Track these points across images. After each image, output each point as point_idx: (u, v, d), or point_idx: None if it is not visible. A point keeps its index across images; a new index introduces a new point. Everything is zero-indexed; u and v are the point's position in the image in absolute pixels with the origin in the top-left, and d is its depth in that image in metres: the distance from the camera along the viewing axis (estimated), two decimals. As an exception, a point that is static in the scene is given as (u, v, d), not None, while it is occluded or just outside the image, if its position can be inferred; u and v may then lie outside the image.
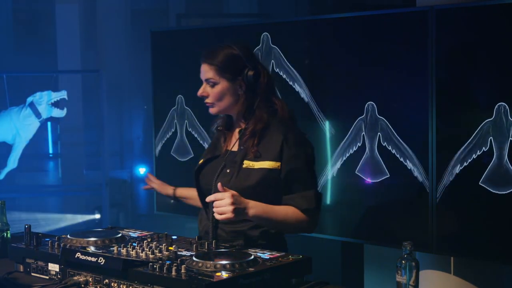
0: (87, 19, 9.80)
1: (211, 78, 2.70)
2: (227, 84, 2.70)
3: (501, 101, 3.29)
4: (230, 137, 2.82)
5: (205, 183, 2.78)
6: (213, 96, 2.72)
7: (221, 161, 2.75)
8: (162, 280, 2.15)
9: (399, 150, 3.65)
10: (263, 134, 2.70)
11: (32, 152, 7.94)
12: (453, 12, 3.46)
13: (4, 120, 7.29)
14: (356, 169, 3.80)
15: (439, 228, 3.51)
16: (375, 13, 3.79)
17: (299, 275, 2.35)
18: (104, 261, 2.30)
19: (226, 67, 2.70)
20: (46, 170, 9.93)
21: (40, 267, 2.52)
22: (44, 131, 9.07)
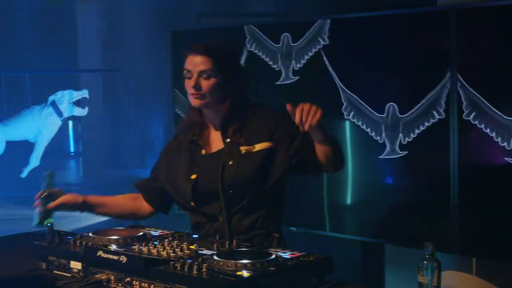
0: (107, 19, 9.85)
1: (207, 69, 2.67)
2: (222, 78, 2.69)
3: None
4: (207, 141, 2.80)
5: (206, 188, 2.73)
6: (206, 88, 2.68)
7: (214, 162, 2.73)
8: (183, 278, 2.15)
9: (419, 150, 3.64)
10: (245, 125, 2.72)
11: (53, 150, 8.00)
12: (475, 12, 3.45)
13: (26, 118, 7.35)
14: (376, 169, 3.80)
15: (461, 229, 3.50)
16: (396, 12, 3.78)
17: (320, 275, 2.34)
18: (125, 259, 2.31)
19: (224, 62, 2.70)
20: (67, 168, 10.00)
21: (62, 264, 2.53)
22: (65, 130, 9.14)
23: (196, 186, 2.74)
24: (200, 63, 2.69)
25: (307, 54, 4.03)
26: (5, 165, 7.88)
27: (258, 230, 2.71)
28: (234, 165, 2.69)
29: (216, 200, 2.72)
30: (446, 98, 3.51)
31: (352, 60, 3.91)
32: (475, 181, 3.46)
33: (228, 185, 2.69)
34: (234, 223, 2.72)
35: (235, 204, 2.71)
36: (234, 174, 2.68)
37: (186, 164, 2.79)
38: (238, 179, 2.68)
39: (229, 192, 2.69)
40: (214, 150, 2.77)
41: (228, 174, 2.69)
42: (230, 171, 2.69)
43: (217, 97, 2.70)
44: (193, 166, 2.78)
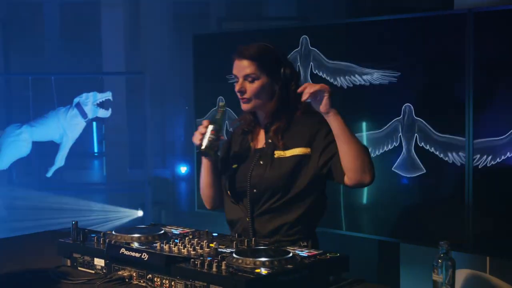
0: (131, 23, 9.88)
1: (252, 73, 2.67)
2: (267, 79, 2.68)
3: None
4: (257, 137, 2.80)
5: (239, 181, 2.75)
6: (251, 92, 2.68)
7: (252, 158, 2.74)
8: (203, 276, 2.16)
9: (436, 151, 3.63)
10: (288, 128, 2.69)
11: (78, 151, 8.02)
12: (494, 16, 3.43)
13: (52, 120, 7.38)
14: (393, 172, 3.79)
15: (475, 228, 3.48)
16: (413, 16, 3.78)
17: (336, 273, 2.34)
18: (147, 256, 2.32)
19: (267, 62, 2.68)
20: (91, 168, 10.02)
21: (86, 261, 2.55)
22: (89, 131, 9.17)
23: (233, 175, 2.76)
24: (245, 67, 2.69)
25: (324, 57, 4.04)
26: (32, 164, 7.94)
27: (283, 237, 2.66)
28: (263, 166, 2.69)
29: (245, 197, 2.71)
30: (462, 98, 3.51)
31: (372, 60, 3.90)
32: (490, 180, 3.44)
33: (253, 184, 2.69)
34: (258, 225, 2.71)
35: (258, 204, 2.70)
36: (260, 175, 2.68)
37: (235, 152, 2.82)
38: (262, 181, 2.67)
39: (253, 191, 2.69)
40: (259, 147, 2.77)
41: (256, 173, 2.69)
42: (258, 171, 2.69)
43: (263, 98, 2.70)
44: (238, 156, 2.79)
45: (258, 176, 2.68)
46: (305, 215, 2.69)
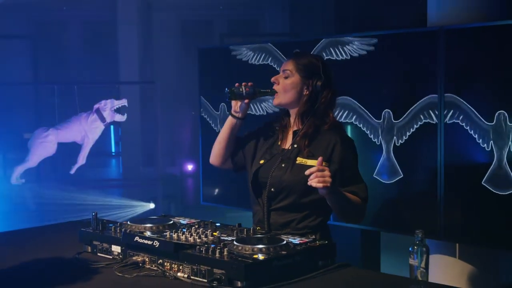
0: (144, 39, 9.89)
1: (288, 69, 2.67)
2: (298, 79, 2.65)
3: (501, 109, 3.26)
4: (286, 136, 2.74)
5: (261, 177, 2.69)
6: (282, 85, 2.67)
7: (277, 158, 2.68)
8: (207, 261, 2.16)
9: (411, 152, 3.63)
10: (314, 137, 2.64)
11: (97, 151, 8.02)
12: (462, 33, 3.43)
13: (74, 124, 7.39)
14: (374, 168, 3.79)
15: (446, 218, 3.49)
16: (391, 32, 3.77)
17: (325, 258, 2.34)
18: (158, 244, 2.31)
19: (304, 67, 2.66)
20: (109, 166, 10.01)
21: (104, 248, 2.54)
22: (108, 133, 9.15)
23: (258, 171, 2.70)
24: (286, 64, 2.70)
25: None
26: (57, 163, 7.94)
27: (293, 230, 2.62)
28: (284, 169, 2.63)
29: (263, 192, 2.67)
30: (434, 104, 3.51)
31: (352, 72, 3.90)
32: (459, 176, 3.45)
33: (272, 183, 2.64)
34: (273, 218, 2.67)
35: (274, 202, 2.66)
36: (279, 177, 2.63)
37: (265, 146, 2.75)
38: (280, 183, 2.62)
39: (271, 190, 2.65)
40: (286, 147, 2.71)
41: (276, 174, 2.64)
42: (278, 172, 2.64)
43: (291, 96, 2.67)
44: (267, 152, 2.73)
45: (277, 177, 2.63)
46: (313, 214, 2.64)
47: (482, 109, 3.33)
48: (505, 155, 3.25)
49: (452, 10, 3.70)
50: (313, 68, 2.66)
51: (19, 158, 7.46)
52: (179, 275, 2.23)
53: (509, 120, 3.23)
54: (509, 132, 3.23)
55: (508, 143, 3.23)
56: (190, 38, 10.71)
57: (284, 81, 2.67)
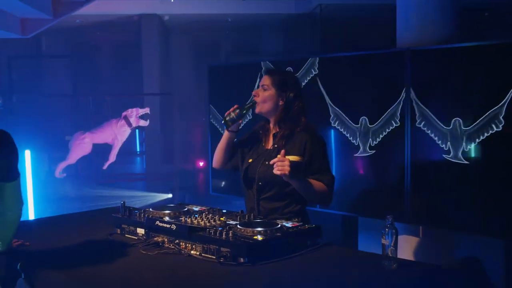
0: (163, 57, 9.89)
1: (266, 84, 2.69)
2: (274, 92, 2.67)
3: (457, 116, 3.26)
4: (268, 139, 2.77)
5: (250, 173, 2.72)
6: (261, 97, 2.69)
7: (262, 157, 2.71)
8: (215, 241, 2.17)
9: (384, 151, 3.63)
10: (290, 138, 2.66)
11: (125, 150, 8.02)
12: (425, 53, 3.44)
13: (106, 128, 7.40)
14: (353, 163, 3.79)
15: (412, 206, 3.49)
16: (366, 53, 3.78)
17: (312, 238, 2.34)
18: (175, 227, 2.32)
19: (278, 82, 2.68)
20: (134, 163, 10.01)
21: (131, 230, 2.55)
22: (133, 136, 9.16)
23: (248, 168, 2.72)
24: (264, 79, 2.72)
25: (304, 81, 4.04)
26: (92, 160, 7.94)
27: (279, 215, 2.62)
28: (267, 165, 2.62)
29: (253, 186, 2.69)
30: (403, 113, 3.51)
31: (334, 86, 3.90)
32: (422, 171, 3.45)
33: (259, 177, 2.66)
34: (262, 206, 2.68)
35: (262, 193, 2.68)
36: (264, 172, 2.65)
37: (253, 148, 2.77)
38: (265, 177, 2.64)
39: (259, 183, 2.67)
40: (268, 148, 2.74)
41: (262, 170, 2.66)
42: (263, 168, 2.66)
43: (269, 105, 2.69)
44: (254, 152, 2.76)
45: (263, 173, 2.65)
46: (293, 201, 2.66)
47: (441, 116, 3.34)
48: (460, 153, 3.25)
49: (416, 34, 3.70)
50: (286, 83, 2.70)
51: (61, 156, 7.46)
52: (192, 252, 2.24)
53: (463, 125, 3.23)
54: (463, 135, 3.23)
55: (462, 143, 3.24)
56: (201, 57, 10.71)
57: (263, 94, 2.69)
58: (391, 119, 3.58)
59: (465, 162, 3.23)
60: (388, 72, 3.60)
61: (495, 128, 3.10)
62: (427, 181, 3.42)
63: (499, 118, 3.08)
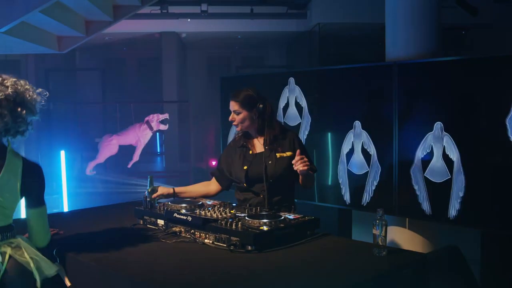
0: (181, 69, 9.91)
1: (236, 109, 2.72)
2: (246, 113, 2.71)
3: (438, 120, 3.24)
4: (253, 145, 2.78)
5: (254, 174, 2.69)
6: (238, 120, 2.73)
7: (259, 160, 2.70)
8: (226, 231, 2.16)
9: (375, 151, 3.61)
10: (277, 138, 2.72)
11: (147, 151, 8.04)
12: (410, 66, 3.42)
13: (131, 131, 7.42)
14: (348, 164, 3.77)
15: (399, 200, 3.47)
16: (357, 66, 3.76)
17: (311, 229, 2.34)
18: (191, 218, 2.32)
19: (245, 102, 2.71)
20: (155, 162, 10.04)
21: (152, 221, 2.55)
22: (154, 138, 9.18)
23: (247, 174, 2.71)
24: (232, 106, 2.75)
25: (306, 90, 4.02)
26: (118, 160, 7.97)
27: (284, 203, 2.69)
28: (273, 164, 2.67)
29: (259, 183, 2.68)
30: (390, 120, 3.49)
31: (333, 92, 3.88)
32: (409, 170, 3.42)
33: (270, 176, 2.65)
34: (269, 198, 2.67)
35: (272, 187, 2.66)
36: (273, 170, 2.66)
37: (240, 159, 2.76)
38: (276, 173, 2.65)
39: (269, 181, 2.65)
40: (258, 151, 2.75)
41: (270, 170, 2.66)
42: (270, 167, 2.66)
43: (247, 123, 2.73)
44: (245, 160, 2.74)
45: (272, 171, 2.66)
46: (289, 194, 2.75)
47: (425, 120, 3.32)
48: (441, 154, 3.23)
49: (403, 49, 3.68)
50: (250, 99, 2.72)
51: (91, 156, 7.49)
52: (206, 241, 2.23)
53: (444, 129, 3.21)
54: (444, 137, 3.21)
55: (443, 144, 3.21)
56: (214, 69, 10.73)
57: (238, 117, 2.73)
58: (381, 124, 3.56)
59: (444, 165, 3.20)
60: (378, 83, 3.59)
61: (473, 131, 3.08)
62: (413, 178, 3.40)
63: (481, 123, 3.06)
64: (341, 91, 3.79)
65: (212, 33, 8.97)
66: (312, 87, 3.99)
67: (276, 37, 9.64)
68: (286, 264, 1.99)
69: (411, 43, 3.63)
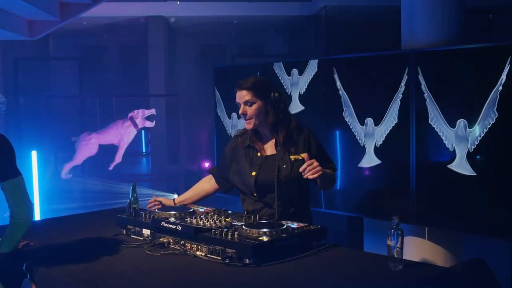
0: (169, 59, 9.90)
1: (249, 99, 2.60)
2: (261, 102, 2.60)
3: (462, 117, 3.24)
4: (262, 146, 2.69)
5: (265, 181, 2.62)
6: (251, 113, 2.60)
7: (270, 163, 2.62)
8: (221, 242, 2.16)
9: (389, 152, 3.61)
10: (291, 137, 2.62)
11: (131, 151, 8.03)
12: (429, 54, 3.42)
13: (112, 129, 7.41)
14: (359, 165, 3.77)
15: (417, 206, 3.46)
16: (368, 55, 3.75)
17: (318, 240, 2.33)
18: (181, 228, 2.31)
19: (259, 90, 2.61)
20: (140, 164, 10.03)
21: (137, 231, 2.54)
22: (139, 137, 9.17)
23: (256, 181, 2.63)
24: (244, 95, 2.62)
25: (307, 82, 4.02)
26: (98, 161, 7.96)
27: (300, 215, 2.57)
28: (287, 168, 2.59)
29: (271, 192, 2.60)
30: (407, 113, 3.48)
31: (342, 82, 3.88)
32: (426, 175, 3.42)
33: (283, 182, 2.59)
34: (283, 210, 2.60)
35: (287, 196, 2.61)
36: (288, 175, 2.59)
37: (246, 162, 2.67)
38: (291, 179, 2.59)
39: (283, 188, 2.59)
40: (269, 154, 2.66)
41: (283, 175, 2.59)
42: (284, 172, 2.59)
43: (262, 116, 2.62)
44: (252, 165, 2.65)
45: (286, 176, 2.59)
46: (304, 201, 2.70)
47: (446, 117, 3.31)
48: (465, 155, 3.22)
49: (421, 35, 3.68)
50: (264, 86, 2.63)
51: (67, 157, 7.48)
52: (197, 253, 2.23)
53: (468, 126, 3.21)
54: (468, 136, 3.21)
55: (467, 145, 3.21)
56: (207, 58, 10.73)
57: (251, 109, 2.61)
58: (395, 120, 3.55)
59: (469, 166, 3.20)
60: (392, 74, 3.58)
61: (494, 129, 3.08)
62: (433, 182, 3.39)
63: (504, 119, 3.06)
64: (351, 84, 3.79)
65: (205, 17, 8.96)
66: (318, 80, 3.98)
67: (277, 23, 9.63)
68: (288, 280, 1.97)
69: (431, 28, 3.63)
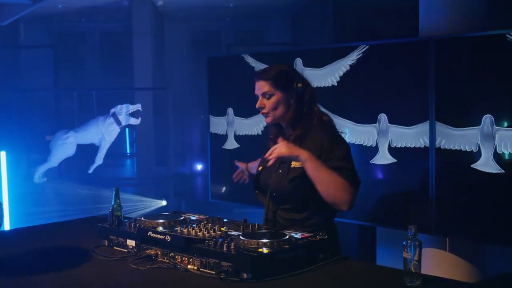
0: (157, 48, 9.90)
1: (267, 91, 2.59)
2: (281, 94, 2.58)
3: (488, 113, 3.24)
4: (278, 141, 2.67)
5: (262, 182, 2.68)
6: (269, 107, 2.59)
7: (274, 165, 2.62)
8: (215, 254, 2.15)
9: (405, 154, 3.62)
10: (304, 139, 2.58)
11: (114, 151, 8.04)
12: (451, 42, 3.42)
13: (92, 126, 7.41)
14: (370, 167, 3.77)
15: (437, 215, 3.47)
16: (386, 42, 3.76)
17: (324, 251, 2.33)
18: (170, 238, 2.31)
19: (279, 80, 2.59)
20: (124, 166, 10.04)
21: (120, 242, 2.54)
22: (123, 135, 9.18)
23: (258, 177, 2.69)
24: (261, 87, 2.61)
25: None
26: (76, 163, 7.96)
27: (300, 227, 2.50)
28: (281, 174, 2.59)
29: (267, 194, 2.64)
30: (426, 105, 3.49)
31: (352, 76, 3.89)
32: (448, 178, 3.43)
33: (272, 189, 2.62)
34: (278, 217, 2.61)
35: (278, 204, 2.62)
36: (278, 182, 2.59)
37: (263, 154, 2.67)
38: (279, 187, 2.59)
39: (273, 194, 2.62)
40: None
41: (274, 180, 2.61)
42: (276, 178, 2.61)
43: (281, 111, 2.60)
44: (264, 160, 2.67)
45: (276, 183, 2.60)
46: (314, 214, 2.58)
47: (470, 113, 3.32)
48: (491, 155, 3.23)
49: (441, 21, 3.69)
50: (286, 76, 2.61)
51: (41, 159, 7.48)
52: (189, 267, 2.23)
53: (495, 123, 3.21)
54: (495, 134, 3.21)
55: (494, 144, 3.22)
56: (199, 47, 10.73)
57: (269, 102, 2.60)
58: (413, 116, 3.56)
59: (497, 166, 3.21)
60: (409, 64, 3.59)
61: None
62: (454, 187, 3.40)
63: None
64: (362, 75, 3.80)
65: (197, 0, 8.96)
66: (324, 71, 3.99)
67: (279, 6, 9.63)
68: (292, 297, 1.98)
69: (453, 13, 3.64)
